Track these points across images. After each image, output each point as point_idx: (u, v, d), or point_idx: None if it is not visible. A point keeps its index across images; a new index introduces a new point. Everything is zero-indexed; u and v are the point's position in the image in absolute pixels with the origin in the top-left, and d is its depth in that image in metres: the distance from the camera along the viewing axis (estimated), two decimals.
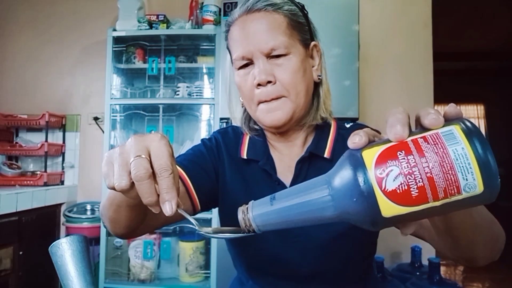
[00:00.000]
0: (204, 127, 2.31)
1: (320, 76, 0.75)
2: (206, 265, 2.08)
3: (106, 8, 2.53)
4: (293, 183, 0.72)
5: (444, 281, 1.64)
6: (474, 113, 6.33)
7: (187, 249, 2.06)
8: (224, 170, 0.78)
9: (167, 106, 2.20)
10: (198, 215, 2.32)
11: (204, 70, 2.25)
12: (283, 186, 0.72)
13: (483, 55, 5.29)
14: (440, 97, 3.40)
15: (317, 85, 0.75)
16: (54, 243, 0.52)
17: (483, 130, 6.24)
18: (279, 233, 0.71)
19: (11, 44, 2.65)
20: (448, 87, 5.32)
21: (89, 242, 2.21)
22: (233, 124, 0.84)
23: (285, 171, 0.75)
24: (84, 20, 2.60)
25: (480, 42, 4.85)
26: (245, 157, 0.77)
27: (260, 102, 0.69)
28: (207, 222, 2.04)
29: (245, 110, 0.79)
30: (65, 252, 0.52)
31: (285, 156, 0.76)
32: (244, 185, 0.75)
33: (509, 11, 3.87)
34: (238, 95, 0.79)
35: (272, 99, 0.68)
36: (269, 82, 0.67)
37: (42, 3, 2.65)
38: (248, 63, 0.70)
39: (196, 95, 2.18)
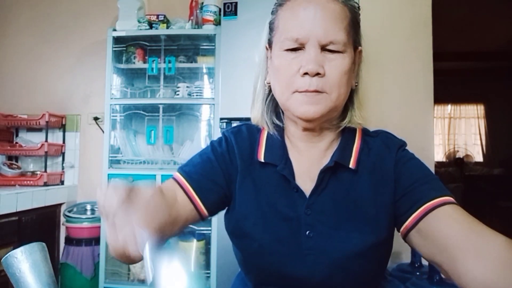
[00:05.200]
0: (204, 127, 2.31)
1: (357, 83, 0.71)
2: (206, 265, 2.08)
3: (106, 8, 2.53)
4: (314, 192, 0.68)
5: (444, 281, 1.64)
6: (474, 113, 6.32)
7: (187, 249, 2.05)
8: (237, 174, 0.73)
9: (167, 106, 2.20)
10: None
11: (204, 70, 2.25)
12: (301, 194, 0.69)
13: (484, 55, 5.28)
14: (440, 97, 3.39)
15: (351, 91, 0.71)
16: (9, 253, 0.47)
17: (483, 130, 6.23)
18: (291, 245, 0.67)
19: (11, 44, 2.65)
20: (448, 87, 5.32)
21: (90, 242, 2.21)
22: (250, 119, 0.79)
23: (304, 176, 0.70)
24: (84, 20, 2.59)
25: (480, 42, 4.85)
26: (262, 160, 0.72)
27: (297, 91, 0.64)
28: (207, 223, 2.04)
29: (268, 99, 0.75)
30: (23, 264, 0.46)
31: (305, 158, 0.72)
32: (255, 190, 0.71)
33: (509, 11, 3.87)
34: (263, 80, 0.74)
35: (314, 91, 0.63)
36: (318, 74, 0.62)
37: (42, 3, 2.65)
38: (298, 48, 0.64)
39: (196, 95, 2.18)
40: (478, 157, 6.15)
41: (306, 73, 0.62)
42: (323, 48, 0.63)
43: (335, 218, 0.67)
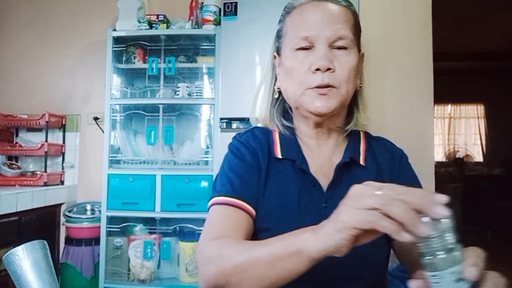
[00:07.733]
0: (204, 127, 2.31)
1: (361, 84, 0.77)
2: None
3: (106, 8, 2.53)
4: (331, 187, 0.72)
5: None
6: (474, 113, 6.32)
7: (187, 249, 2.05)
8: (261, 172, 0.75)
9: (167, 106, 2.20)
10: (198, 215, 2.29)
11: (204, 70, 2.25)
12: (319, 187, 0.72)
13: (484, 55, 5.29)
14: (440, 97, 3.39)
15: (355, 92, 0.76)
16: (10, 251, 0.46)
17: (483, 130, 6.24)
18: None
19: (11, 44, 2.65)
20: (448, 87, 5.32)
21: (90, 242, 2.21)
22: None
23: (317, 172, 0.74)
24: (84, 20, 2.59)
25: (480, 42, 4.85)
26: (280, 156, 0.75)
27: (309, 88, 0.69)
28: None
29: (277, 104, 0.79)
30: (24, 262, 0.46)
31: (317, 156, 0.76)
32: (276, 186, 0.73)
33: (509, 11, 3.87)
34: (271, 86, 0.79)
35: (327, 86, 0.68)
36: (329, 69, 0.67)
37: (42, 3, 2.65)
38: (308, 47, 0.69)
39: (196, 95, 2.18)
40: (478, 157, 6.15)
41: (317, 69, 0.67)
42: (332, 46, 0.69)
43: None
